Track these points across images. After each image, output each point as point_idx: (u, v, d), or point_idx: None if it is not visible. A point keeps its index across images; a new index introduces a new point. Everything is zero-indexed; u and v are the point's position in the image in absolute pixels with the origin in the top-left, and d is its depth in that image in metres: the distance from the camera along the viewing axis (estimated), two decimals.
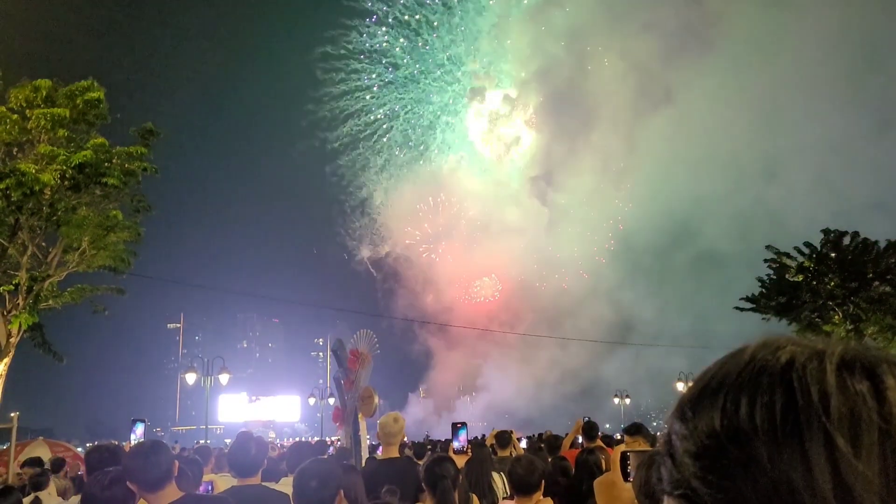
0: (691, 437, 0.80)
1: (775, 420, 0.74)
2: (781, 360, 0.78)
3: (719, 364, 0.84)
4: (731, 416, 0.77)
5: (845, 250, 31.61)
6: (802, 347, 0.80)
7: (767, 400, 0.75)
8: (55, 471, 13.02)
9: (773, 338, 0.84)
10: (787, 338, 0.84)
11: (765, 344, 0.83)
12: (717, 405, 0.79)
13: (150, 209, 23.29)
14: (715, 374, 0.83)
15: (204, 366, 38.98)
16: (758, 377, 0.78)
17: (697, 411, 0.81)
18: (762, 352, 0.81)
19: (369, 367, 18.29)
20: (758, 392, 0.77)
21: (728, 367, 0.82)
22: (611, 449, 10.72)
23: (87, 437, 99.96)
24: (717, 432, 0.77)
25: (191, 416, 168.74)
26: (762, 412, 0.75)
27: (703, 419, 0.79)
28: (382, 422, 7.29)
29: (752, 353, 0.82)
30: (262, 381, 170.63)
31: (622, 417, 61.96)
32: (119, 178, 20.95)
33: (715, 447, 0.77)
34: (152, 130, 22.28)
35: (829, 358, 0.77)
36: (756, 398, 0.76)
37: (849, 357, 0.77)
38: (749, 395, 0.77)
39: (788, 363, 0.78)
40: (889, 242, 31.37)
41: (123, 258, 23.16)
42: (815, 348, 0.79)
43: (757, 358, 0.80)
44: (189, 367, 38.17)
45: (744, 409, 0.76)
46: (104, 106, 21.83)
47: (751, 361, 0.80)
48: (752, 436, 0.75)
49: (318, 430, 67.61)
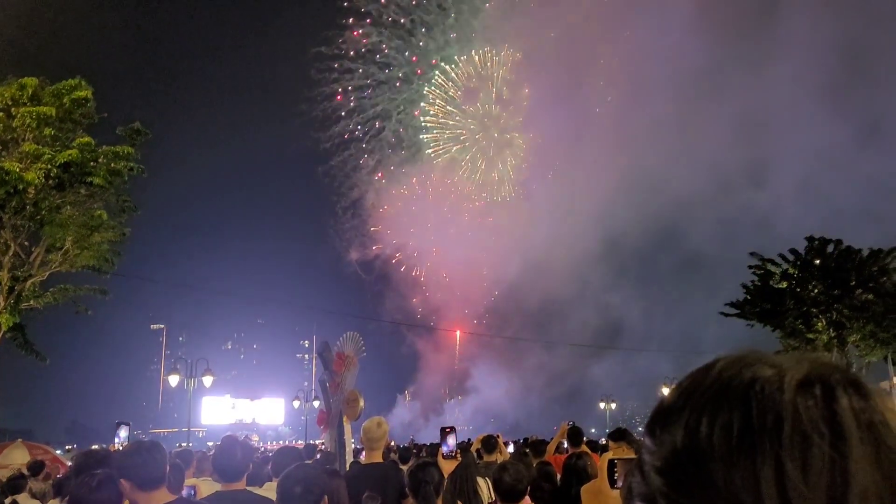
0: (657, 453, 0.80)
1: (731, 441, 0.74)
2: (745, 379, 0.79)
3: (689, 378, 0.84)
4: (693, 434, 0.78)
5: (829, 258, 31.87)
6: (768, 366, 0.80)
7: (726, 421, 0.76)
8: (34, 473, 12.88)
9: (742, 353, 0.84)
10: (757, 354, 0.83)
11: (733, 360, 0.83)
12: (681, 422, 0.79)
13: (135, 209, 23.13)
14: (683, 390, 0.83)
15: (187, 367, 38.70)
16: (720, 396, 0.78)
17: (664, 427, 0.81)
18: (729, 369, 0.81)
19: (355, 370, 18.23)
20: (718, 412, 0.77)
21: (696, 384, 0.82)
22: (596, 454, 10.74)
23: (67, 440, 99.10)
24: (679, 450, 0.78)
25: (173, 418, 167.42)
26: (719, 433, 0.75)
27: (668, 436, 0.80)
28: (366, 427, 7.25)
29: (719, 369, 0.82)
30: (246, 383, 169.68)
31: (608, 422, 62.10)
32: (105, 178, 20.79)
33: (677, 465, 0.78)
34: (139, 130, 22.13)
35: (788, 380, 0.77)
36: (716, 418, 0.77)
37: (809, 379, 0.77)
38: (709, 415, 0.77)
39: (750, 383, 0.78)
40: (872, 251, 31.65)
41: (107, 258, 22.97)
42: (779, 367, 0.80)
43: (723, 375, 0.81)
44: (172, 368, 37.88)
45: (704, 428, 0.77)
46: (91, 105, 21.68)
47: (717, 378, 0.81)
48: (709, 456, 0.75)
49: (302, 433, 67.36)
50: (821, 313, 31.77)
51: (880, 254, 31.51)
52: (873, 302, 30.60)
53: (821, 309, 31.68)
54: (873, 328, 30.64)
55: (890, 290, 30.61)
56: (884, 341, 30.90)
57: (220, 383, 73.57)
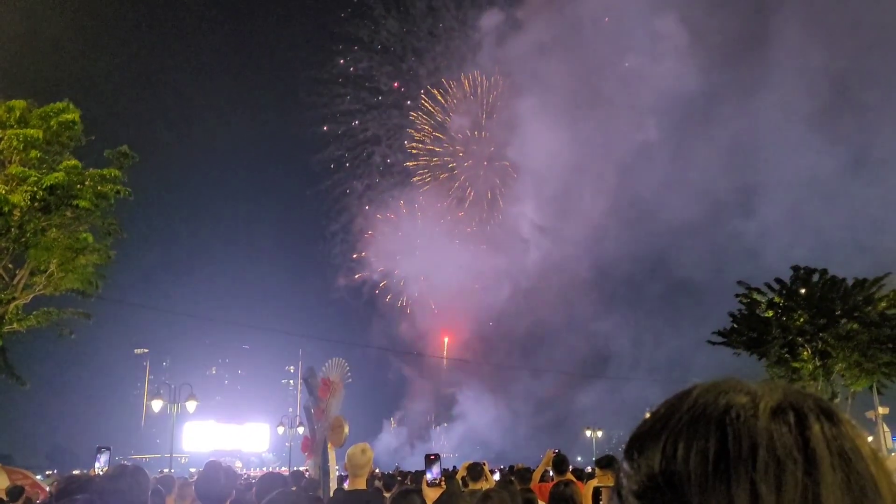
0: (635, 477, 0.82)
1: (707, 466, 0.76)
2: (720, 405, 0.81)
3: (667, 404, 0.86)
4: (670, 459, 0.79)
5: (814, 287, 32.06)
6: (742, 393, 0.82)
7: (702, 446, 0.78)
8: (13, 499, 12.66)
9: (719, 380, 0.86)
10: (733, 381, 0.86)
11: (710, 387, 0.85)
12: (658, 447, 0.81)
13: (121, 232, 23.01)
14: (661, 415, 0.85)
15: (171, 392, 38.33)
16: (696, 422, 0.81)
17: (642, 452, 0.83)
18: (705, 395, 0.84)
19: (340, 396, 18.10)
20: (694, 437, 0.79)
21: (673, 409, 0.84)
22: (581, 483, 10.66)
23: (47, 465, 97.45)
24: (655, 474, 0.80)
25: (155, 444, 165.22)
26: (696, 458, 0.78)
27: (645, 460, 0.82)
28: (350, 453, 7.19)
29: (696, 395, 0.84)
30: (230, 408, 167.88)
31: (594, 450, 61.83)
32: (91, 201, 20.71)
33: (654, 489, 0.80)
34: (127, 153, 22.10)
35: (763, 407, 0.79)
36: (692, 443, 0.79)
37: (782, 406, 0.80)
38: (686, 440, 0.79)
39: (726, 409, 0.80)
40: (856, 280, 31.88)
41: (92, 281, 22.79)
42: (753, 394, 0.82)
43: (699, 402, 0.83)
44: (156, 393, 37.51)
45: (680, 453, 0.79)
46: (79, 128, 21.65)
47: (694, 405, 0.83)
48: (685, 480, 0.77)
49: (286, 459, 66.56)
50: (806, 342, 31.88)
51: (865, 283, 31.73)
52: (858, 331, 30.74)
53: (806, 338, 31.79)
54: (858, 358, 30.74)
55: (875, 320, 30.78)
56: (869, 371, 30.99)
57: (203, 409, 72.76)
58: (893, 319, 31.03)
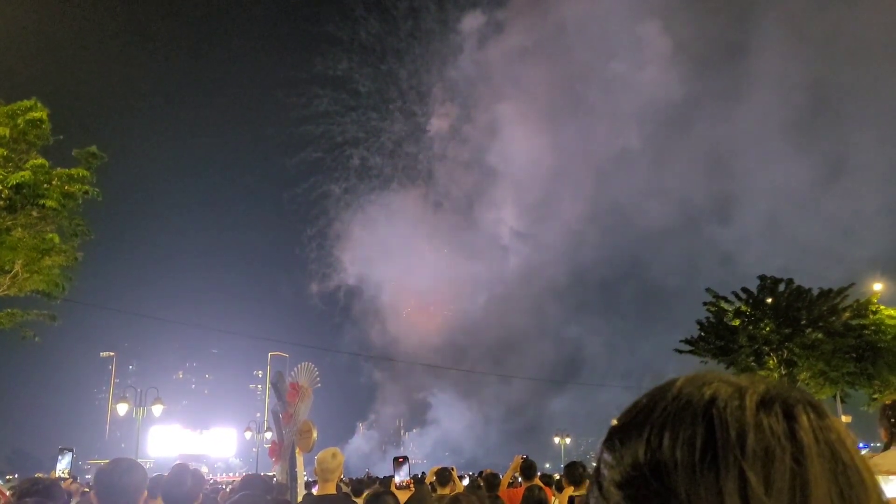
0: (617, 467, 0.83)
1: (694, 455, 0.77)
2: (705, 396, 0.82)
3: (648, 396, 0.87)
4: (655, 448, 0.80)
5: (780, 297, 32.56)
6: (726, 384, 0.83)
7: (689, 435, 0.79)
8: None
9: (701, 373, 0.87)
10: (715, 374, 0.87)
11: (692, 379, 0.86)
12: (643, 437, 0.82)
13: (88, 233, 22.65)
14: (644, 406, 0.86)
15: (137, 396, 37.86)
16: (682, 412, 0.81)
17: (624, 442, 0.83)
18: (688, 387, 0.84)
19: (309, 401, 17.97)
20: (680, 427, 0.80)
21: (656, 400, 0.85)
22: (549, 489, 10.71)
23: (8, 469, 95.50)
24: (640, 464, 0.80)
25: (120, 448, 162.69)
26: (683, 447, 0.78)
27: (628, 450, 0.82)
28: (320, 457, 7.15)
29: (679, 387, 0.85)
30: (197, 413, 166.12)
31: (562, 456, 62.04)
32: (58, 201, 20.37)
33: (638, 478, 0.80)
34: (95, 153, 21.77)
35: (749, 396, 0.80)
36: (678, 433, 0.79)
37: (769, 396, 0.81)
38: (672, 430, 0.80)
39: (711, 399, 0.81)
40: (821, 290, 32.45)
41: (58, 283, 22.41)
42: (738, 386, 0.83)
43: (683, 392, 0.83)
44: (121, 396, 37.01)
45: (666, 442, 0.79)
46: (46, 126, 21.29)
47: (678, 396, 0.83)
48: (672, 469, 0.78)
49: (253, 465, 65.91)
50: (772, 351, 32.36)
51: (830, 293, 32.32)
52: (823, 341, 31.27)
53: (772, 347, 32.27)
54: (823, 367, 31.29)
55: (839, 330, 31.34)
56: (833, 380, 31.56)
57: (169, 413, 71.80)
58: (857, 329, 31.64)
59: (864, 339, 31.40)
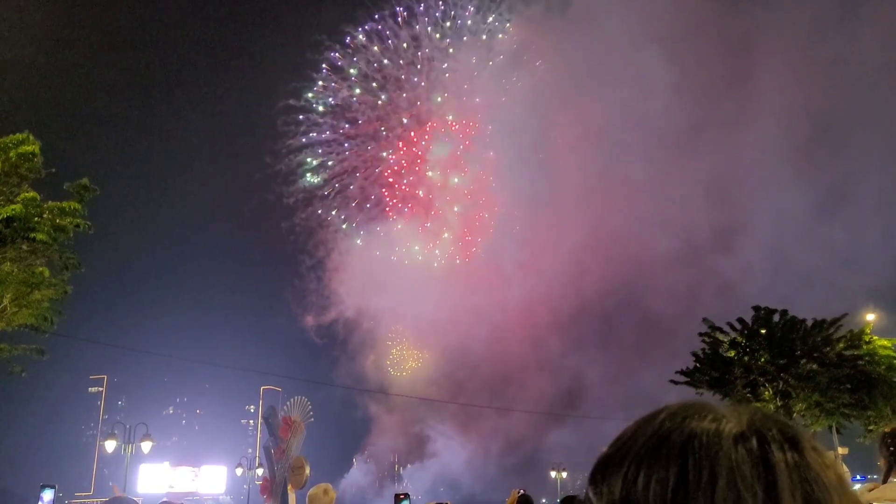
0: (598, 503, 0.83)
1: (666, 496, 0.77)
2: (685, 431, 0.81)
3: (633, 427, 0.86)
4: (630, 486, 0.79)
5: (775, 327, 32.52)
6: (708, 419, 0.82)
7: (663, 474, 0.78)
8: None
9: (687, 404, 0.87)
10: (700, 405, 0.86)
11: (676, 411, 0.85)
12: (621, 473, 0.81)
13: (79, 266, 22.50)
14: (627, 438, 0.85)
15: (125, 432, 37.35)
16: (659, 447, 0.80)
17: (605, 477, 0.83)
18: (670, 420, 0.84)
19: (302, 436, 17.77)
20: (656, 464, 0.79)
21: (639, 432, 0.84)
22: None
23: None
24: (616, 501, 0.80)
25: (107, 486, 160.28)
26: (655, 486, 0.78)
27: (608, 485, 0.82)
28: (311, 494, 7.00)
29: (661, 420, 0.84)
30: (187, 449, 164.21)
31: (558, 491, 61.48)
32: (49, 234, 20.25)
33: None
34: (87, 186, 21.71)
35: (727, 434, 0.79)
36: (653, 470, 0.79)
37: (747, 434, 0.80)
38: (648, 466, 0.79)
39: (689, 436, 0.80)
40: (815, 321, 32.44)
41: (47, 317, 22.18)
42: (719, 420, 0.82)
43: (664, 426, 0.83)
44: (109, 433, 36.50)
45: (641, 480, 0.79)
46: (38, 159, 21.24)
47: (658, 429, 0.83)
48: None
49: (243, 502, 64.88)
50: (768, 382, 32.23)
51: (823, 324, 32.30)
52: (818, 372, 31.19)
53: (768, 378, 32.15)
54: (818, 398, 31.17)
55: (833, 361, 31.28)
56: (828, 411, 31.42)
57: (159, 450, 70.82)
58: (851, 360, 31.58)
59: (858, 369, 31.34)
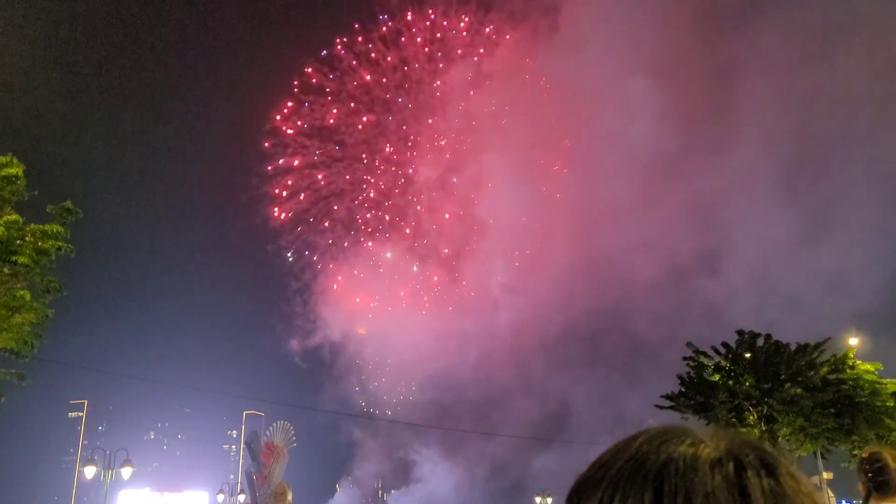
0: None
1: None
2: (660, 457, 0.80)
3: (612, 451, 0.86)
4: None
5: (759, 352, 32.64)
6: (685, 443, 0.82)
7: (638, 499, 0.78)
8: None
9: (665, 428, 0.87)
10: (678, 429, 0.86)
11: (654, 435, 0.85)
12: (597, 496, 0.81)
13: (61, 290, 22.27)
14: (604, 462, 0.85)
15: (105, 458, 36.83)
16: (635, 472, 0.80)
17: (582, 499, 0.83)
18: (647, 444, 0.83)
19: (284, 462, 17.57)
20: (630, 490, 0.79)
21: (615, 457, 0.84)
22: None
23: None
24: None
25: None
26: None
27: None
28: None
29: (639, 443, 0.84)
30: (168, 475, 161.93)
31: None
32: (31, 257, 20.07)
33: None
34: (71, 209, 21.57)
35: (703, 459, 0.79)
36: (629, 494, 0.79)
37: (723, 459, 0.79)
38: (623, 491, 0.79)
39: (665, 462, 0.80)
40: (799, 345, 32.60)
41: (27, 341, 21.90)
42: (697, 445, 0.81)
43: (641, 451, 0.82)
44: (89, 458, 36.01)
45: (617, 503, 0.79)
46: (22, 182, 21.11)
47: (635, 454, 0.82)
48: None
49: None
50: (752, 406, 32.28)
51: (807, 348, 32.47)
52: (802, 396, 31.28)
53: (752, 402, 32.20)
54: (803, 423, 31.22)
55: (817, 385, 31.40)
56: (813, 436, 31.47)
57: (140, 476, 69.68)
58: (835, 384, 31.71)
59: (842, 394, 31.47)
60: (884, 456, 5.27)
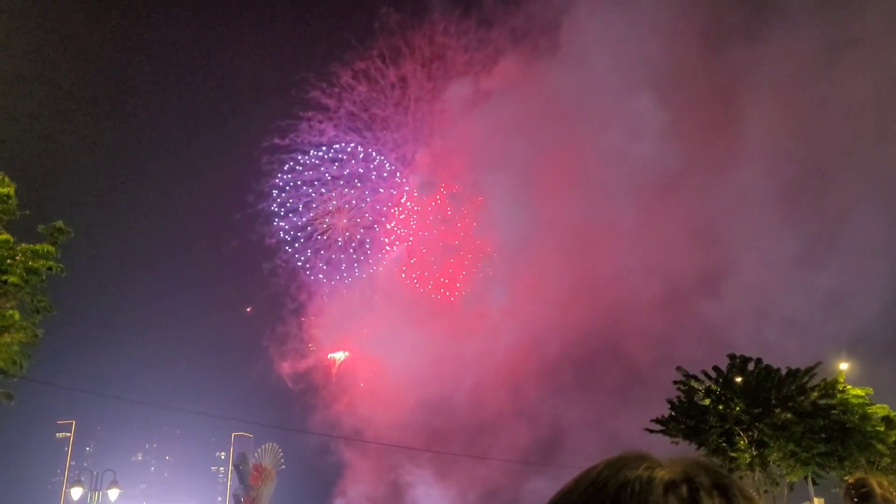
0: None
1: None
2: (619, 480, 0.85)
3: (576, 478, 0.91)
4: None
5: (750, 376, 32.63)
6: (642, 468, 0.86)
7: None
8: None
9: (625, 455, 0.91)
10: (636, 456, 0.89)
11: (614, 462, 0.89)
12: None
13: (50, 310, 22.16)
14: (568, 490, 0.89)
15: (92, 479, 36.51)
16: (595, 497, 0.84)
17: None
18: (608, 470, 0.88)
19: (272, 484, 17.46)
20: None
21: (579, 483, 0.88)
22: None
23: None
24: None
25: None
26: None
27: None
28: None
29: (600, 470, 0.88)
30: (155, 497, 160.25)
31: None
32: (21, 277, 20.00)
33: None
34: (62, 229, 21.53)
35: (657, 483, 0.83)
36: None
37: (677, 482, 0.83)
38: None
39: (622, 485, 0.83)
40: (789, 370, 32.63)
41: (16, 360, 21.74)
42: (653, 468, 0.86)
43: (601, 476, 0.87)
44: (76, 480, 35.66)
45: None
46: (13, 202, 21.07)
47: (596, 479, 0.86)
48: None
49: None
50: (743, 431, 32.21)
51: (798, 373, 32.48)
52: (793, 421, 31.24)
53: (743, 427, 32.14)
54: (794, 448, 31.14)
55: (808, 410, 31.38)
56: (804, 461, 31.38)
57: (127, 497, 69.04)
58: (825, 410, 31.71)
59: (832, 419, 31.47)
60: (870, 482, 5.33)
